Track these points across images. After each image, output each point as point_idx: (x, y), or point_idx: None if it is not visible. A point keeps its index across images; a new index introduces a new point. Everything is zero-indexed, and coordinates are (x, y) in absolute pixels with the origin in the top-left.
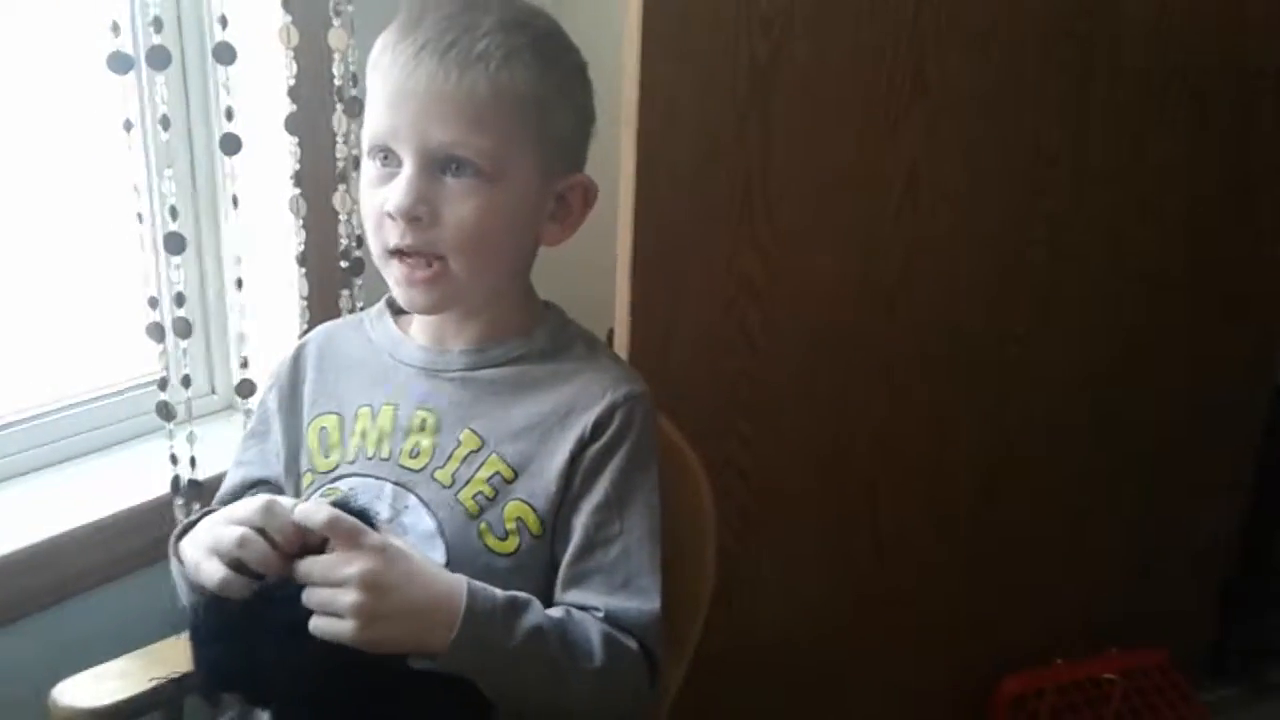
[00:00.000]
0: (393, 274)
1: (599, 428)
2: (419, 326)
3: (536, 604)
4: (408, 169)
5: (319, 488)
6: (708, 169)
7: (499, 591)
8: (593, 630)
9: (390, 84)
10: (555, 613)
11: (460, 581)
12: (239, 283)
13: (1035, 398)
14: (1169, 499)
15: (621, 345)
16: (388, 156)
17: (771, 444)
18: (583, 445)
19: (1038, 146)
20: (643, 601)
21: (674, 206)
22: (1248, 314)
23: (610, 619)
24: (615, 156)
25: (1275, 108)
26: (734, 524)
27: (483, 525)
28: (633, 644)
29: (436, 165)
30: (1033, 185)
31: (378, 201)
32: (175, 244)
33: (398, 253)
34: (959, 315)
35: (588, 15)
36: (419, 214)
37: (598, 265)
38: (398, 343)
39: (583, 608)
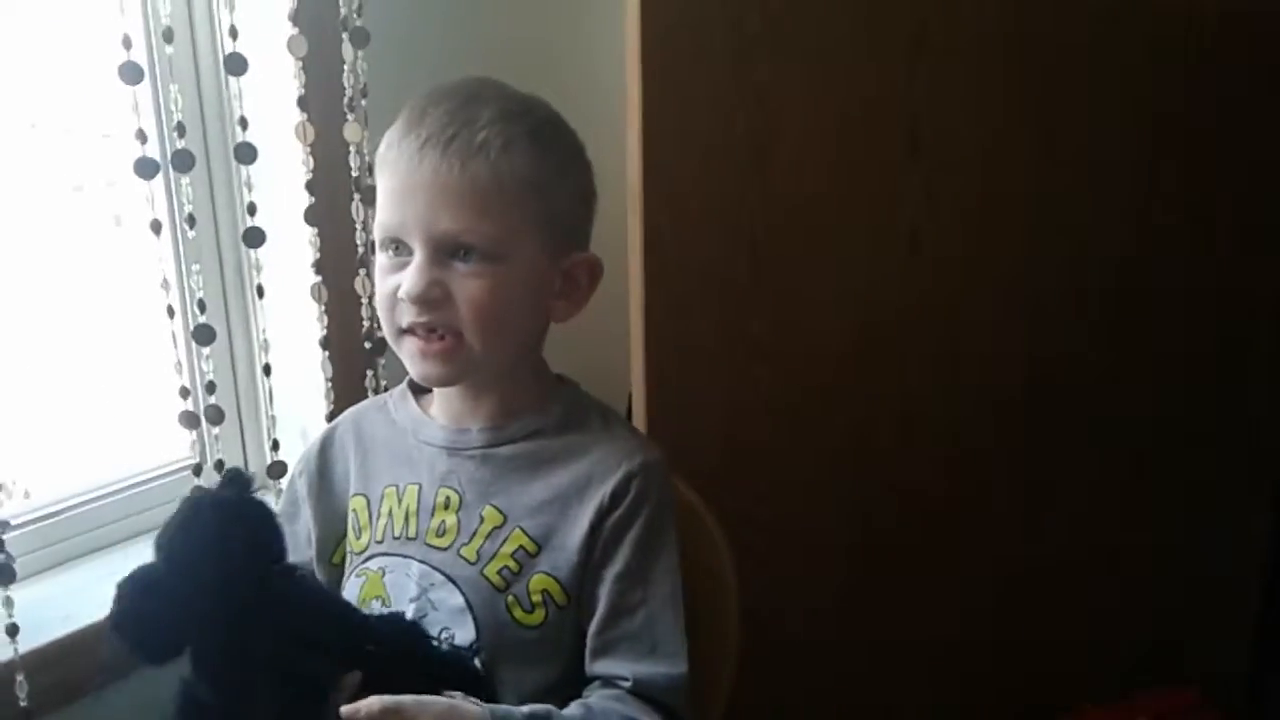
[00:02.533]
0: (407, 350)
1: (616, 497)
2: (438, 407)
3: (556, 713)
4: (418, 257)
5: (354, 568)
6: (712, 239)
7: (518, 710)
8: (615, 718)
9: (397, 178)
10: (573, 711)
11: (484, 711)
12: (267, 369)
13: (1058, 441)
14: (1205, 529)
15: (639, 411)
16: (399, 247)
17: (791, 502)
18: (601, 515)
19: (1043, 195)
20: (670, 666)
21: (683, 276)
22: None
23: (638, 686)
24: (623, 231)
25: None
26: (755, 583)
27: (510, 599)
28: (658, 716)
29: (445, 251)
30: (1040, 234)
31: (390, 287)
32: (205, 335)
33: (411, 330)
34: (971, 362)
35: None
36: (432, 296)
37: (612, 334)
38: (420, 423)
39: (611, 677)
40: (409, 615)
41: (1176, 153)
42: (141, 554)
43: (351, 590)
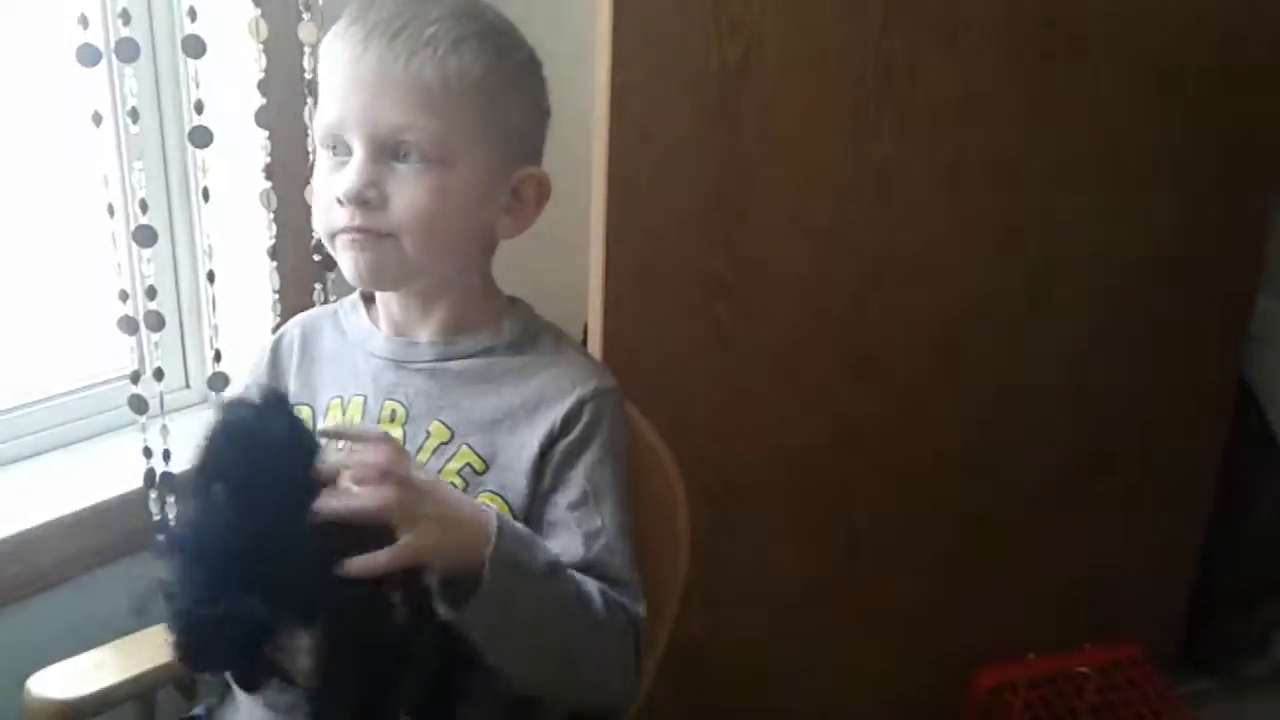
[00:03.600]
0: (342, 253)
1: (568, 422)
2: (386, 318)
3: (563, 567)
4: (357, 155)
5: None
6: (679, 170)
7: (540, 548)
8: (592, 585)
9: (339, 71)
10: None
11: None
12: (211, 276)
13: (1011, 392)
14: (1141, 493)
15: (595, 342)
16: (338, 146)
17: (745, 440)
18: (552, 439)
19: (1017, 141)
20: (629, 599)
21: (645, 206)
22: (1219, 305)
23: (608, 599)
24: (586, 157)
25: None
26: (707, 519)
27: None
28: (625, 611)
29: (387, 151)
30: (1010, 180)
31: (327, 188)
32: (146, 237)
33: (345, 231)
34: (933, 311)
35: (555, 18)
36: (368, 197)
37: (571, 263)
38: (368, 334)
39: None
40: None
41: (1149, 106)
42: (78, 461)
43: None
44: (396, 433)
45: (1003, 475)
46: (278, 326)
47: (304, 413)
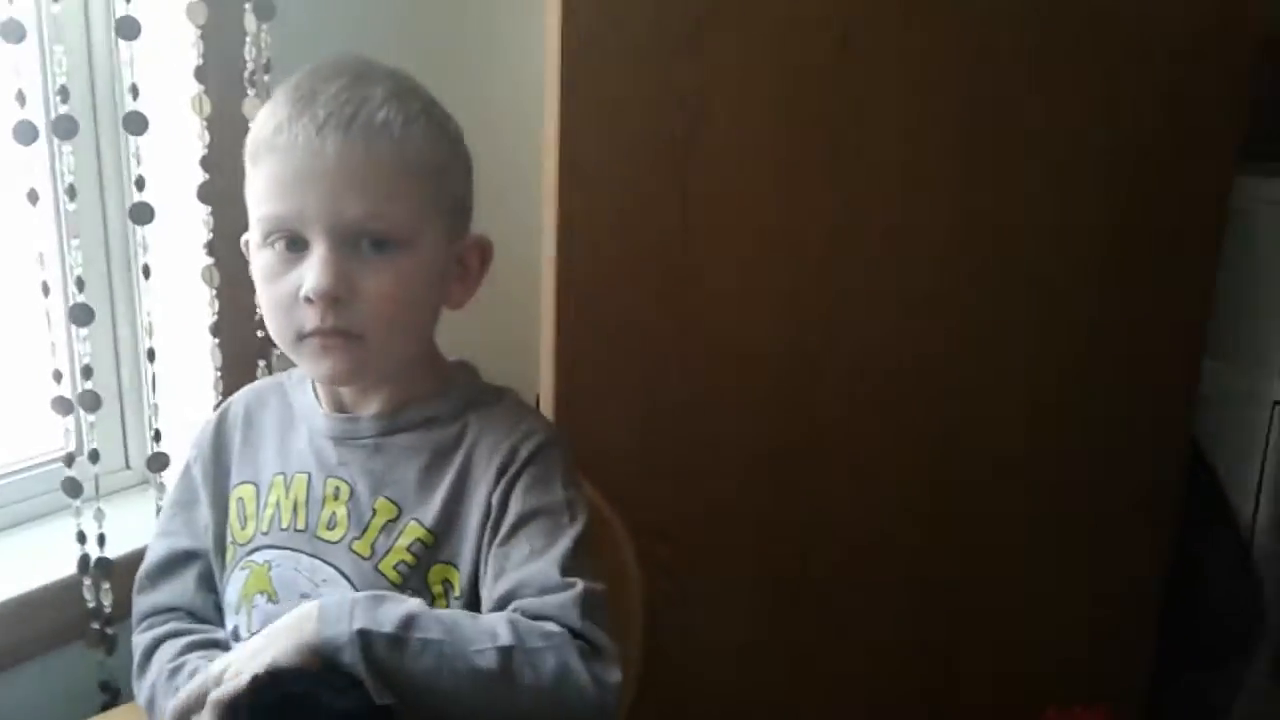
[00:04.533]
0: (306, 353)
1: (505, 468)
2: (327, 395)
3: (428, 613)
4: (321, 249)
5: (239, 561)
6: (629, 239)
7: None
8: (494, 618)
9: (291, 164)
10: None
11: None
12: (151, 354)
13: (971, 453)
14: (1101, 554)
15: (547, 410)
16: (292, 241)
17: (701, 507)
18: (491, 493)
19: (965, 208)
20: (560, 588)
21: (596, 275)
22: (1168, 368)
23: (526, 613)
24: (538, 227)
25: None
26: (664, 586)
27: (408, 593)
28: (549, 626)
29: (348, 242)
30: (960, 246)
31: (285, 288)
32: (82, 315)
33: (317, 334)
34: (886, 373)
35: (507, 92)
36: (340, 293)
37: (523, 332)
38: (313, 410)
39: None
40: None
41: (1093, 170)
42: (9, 547)
43: (235, 585)
44: (341, 511)
45: (960, 538)
46: (219, 404)
47: (247, 491)
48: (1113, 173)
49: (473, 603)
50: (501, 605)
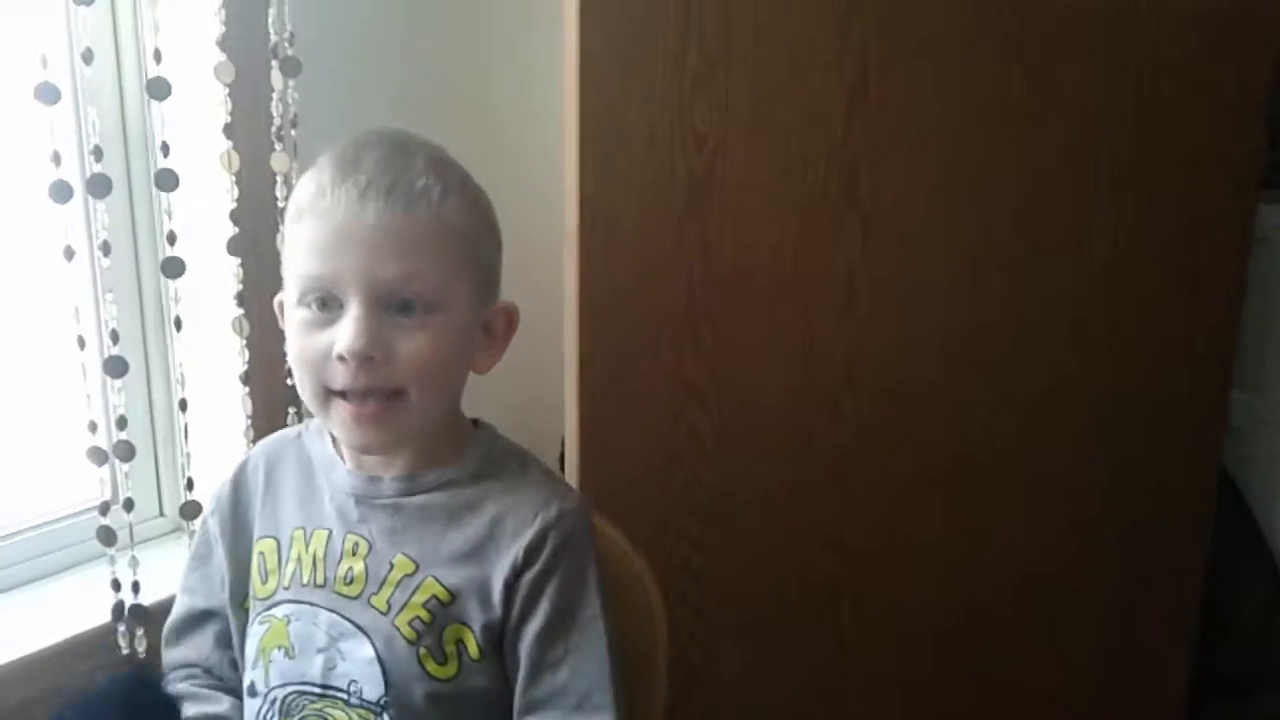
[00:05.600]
0: (337, 415)
1: (532, 552)
2: (350, 452)
3: None
4: (355, 310)
5: (258, 615)
6: (649, 280)
7: None
8: None
9: (331, 226)
10: None
11: None
12: (183, 404)
13: (997, 490)
14: (1132, 586)
15: (571, 453)
16: (327, 302)
17: (726, 546)
18: (517, 571)
19: (983, 244)
20: (598, 716)
21: (617, 317)
22: (1196, 399)
23: None
24: (559, 274)
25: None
26: (692, 627)
27: (422, 651)
28: None
29: (383, 304)
30: (979, 282)
31: (320, 345)
32: (117, 367)
33: (342, 393)
34: (909, 410)
35: (527, 134)
36: (374, 354)
37: (546, 378)
38: (332, 465)
39: None
40: (317, 666)
41: (1113, 203)
42: (45, 596)
43: (253, 639)
44: (359, 566)
45: (989, 572)
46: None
47: (268, 545)
48: (1132, 205)
49: (486, 668)
50: (537, 706)
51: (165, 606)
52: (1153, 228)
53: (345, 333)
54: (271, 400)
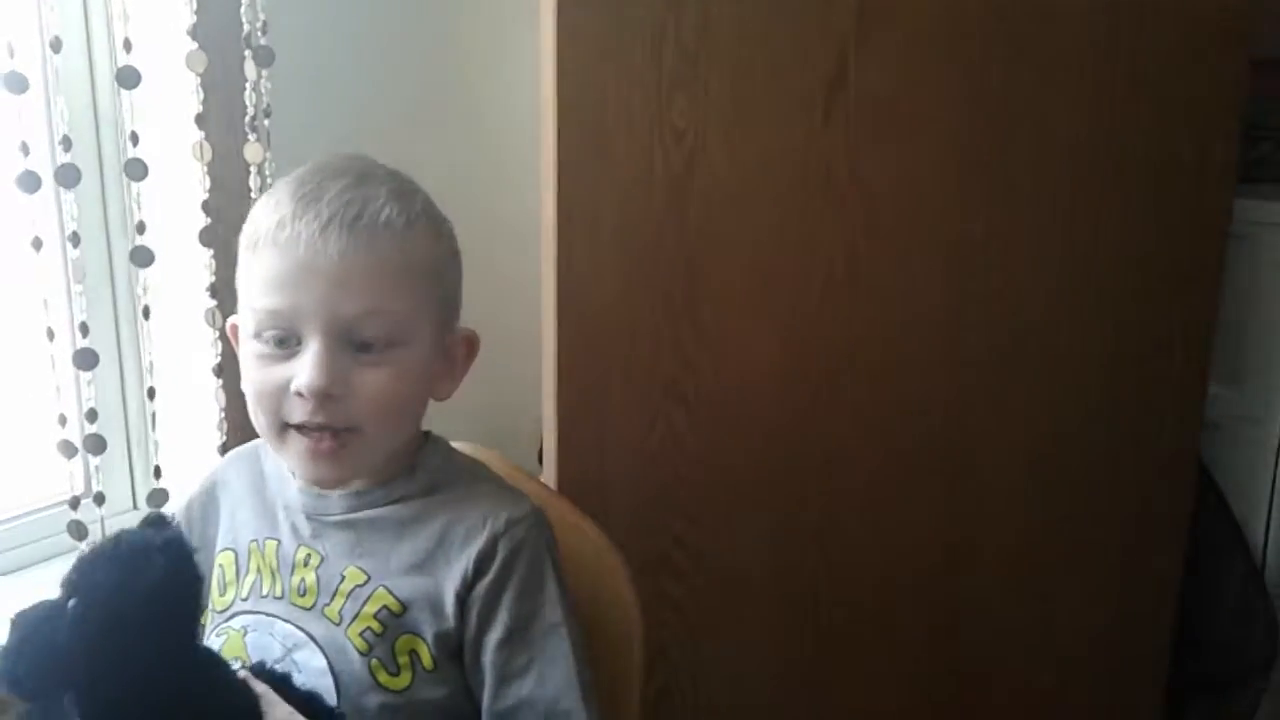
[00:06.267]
0: (293, 447)
1: (483, 561)
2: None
3: None
4: (315, 346)
5: (215, 627)
6: (628, 276)
7: None
8: None
9: (291, 260)
10: None
11: None
12: (151, 392)
13: (981, 483)
14: (1111, 583)
15: (550, 450)
16: (285, 338)
17: (707, 542)
18: (468, 582)
19: (963, 236)
20: (563, 717)
21: (596, 314)
22: (1174, 394)
23: None
24: (537, 268)
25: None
26: (673, 624)
27: (374, 662)
28: None
29: (343, 339)
30: (960, 275)
31: (274, 378)
32: (87, 360)
33: (299, 426)
34: (890, 403)
35: (504, 127)
36: (335, 392)
37: (524, 373)
38: (284, 481)
39: None
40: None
41: (1092, 196)
42: (17, 590)
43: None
44: (310, 577)
45: (975, 569)
46: (225, 446)
47: (227, 558)
48: (1110, 198)
49: (440, 679)
50: (505, 717)
51: None
52: (1133, 222)
53: (305, 370)
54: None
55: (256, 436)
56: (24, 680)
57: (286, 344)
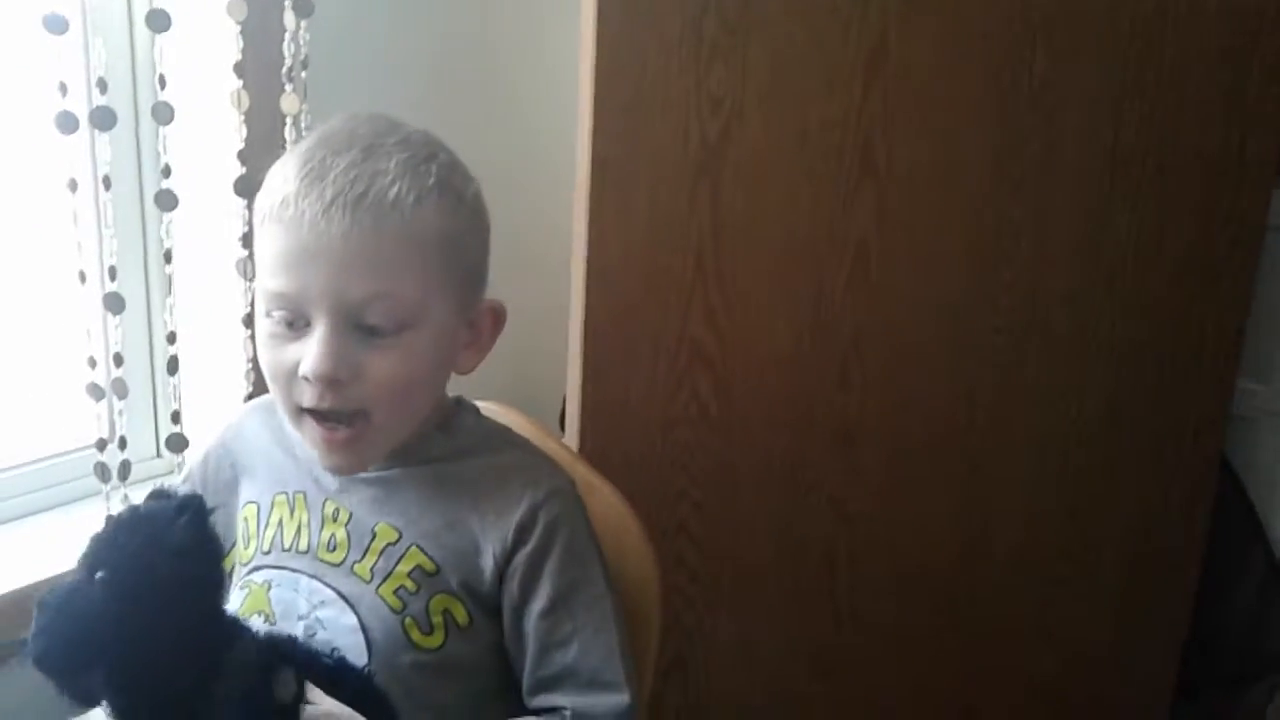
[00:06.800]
0: (308, 433)
1: (523, 531)
2: None
3: None
4: (322, 329)
5: (239, 580)
6: (659, 242)
7: None
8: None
9: (295, 241)
10: None
11: None
12: (171, 337)
13: (1000, 467)
14: (1128, 573)
15: (573, 412)
16: (294, 320)
17: (725, 511)
18: (509, 552)
19: (997, 219)
20: (612, 694)
21: (625, 278)
22: (1201, 387)
23: (578, 716)
24: (567, 232)
25: (1233, 186)
26: (688, 591)
27: (407, 620)
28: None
29: (352, 322)
30: (992, 257)
31: (285, 360)
32: (115, 304)
33: (313, 412)
34: (916, 385)
35: (541, 92)
36: (340, 377)
37: (551, 335)
38: None
39: (551, 708)
40: (298, 633)
41: (1128, 186)
42: (42, 531)
43: (233, 604)
44: (340, 533)
45: (989, 554)
46: (250, 396)
47: (250, 510)
48: (1146, 189)
49: (474, 637)
50: (547, 685)
51: None
52: (1168, 215)
53: (311, 355)
54: None
55: None
56: (56, 658)
57: (295, 325)
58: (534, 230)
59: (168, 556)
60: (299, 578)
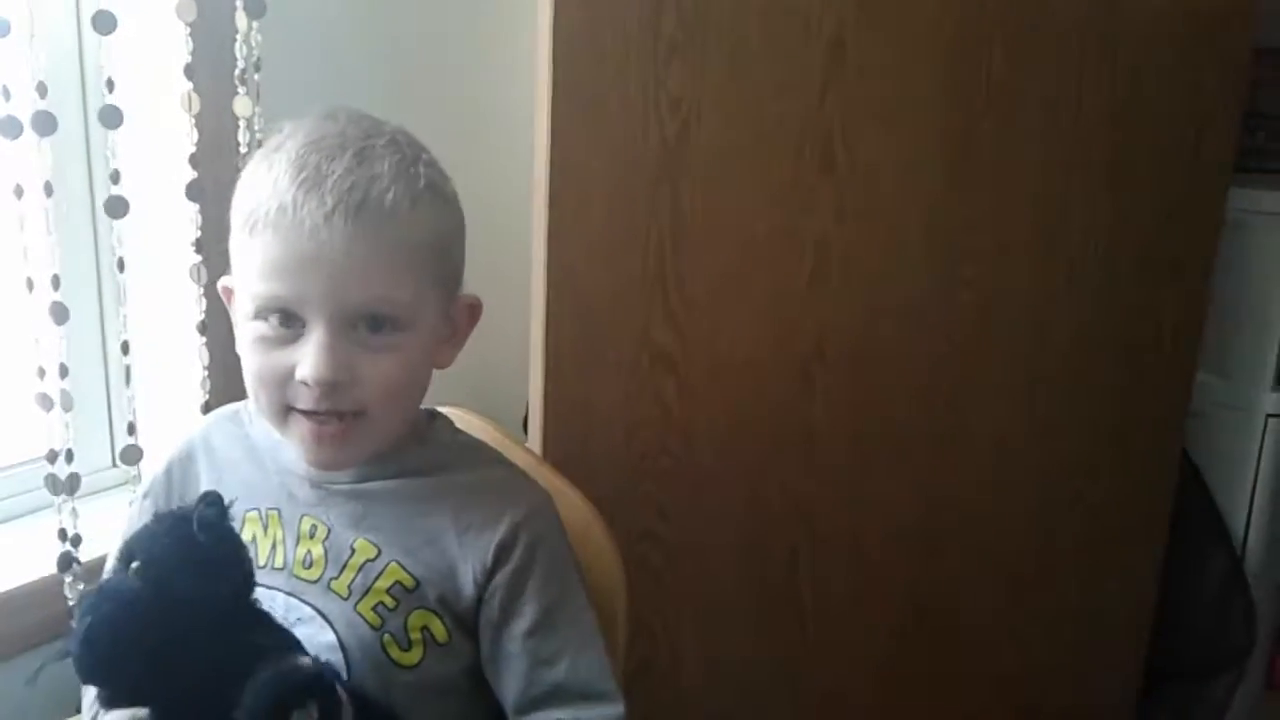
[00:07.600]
0: (296, 430)
1: (504, 550)
2: None
3: None
4: (320, 334)
5: None
6: (619, 243)
7: None
8: None
9: (296, 247)
10: None
11: None
12: (125, 347)
13: (962, 465)
14: (1089, 571)
15: (535, 417)
16: (288, 321)
17: (690, 513)
18: (489, 571)
19: (956, 216)
20: (605, 705)
21: (585, 280)
22: (1161, 382)
23: None
24: (527, 236)
25: (1190, 182)
26: (653, 594)
27: (386, 637)
28: None
29: (348, 325)
30: (952, 255)
31: (277, 364)
32: (60, 313)
33: (308, 413)
34: (876, 382)
35: (499, 94)
36: (340, 379)
37: (512, 336)
38: (278, 447)
39: None
40: None
41: (1086, 183)
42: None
43: None
44: (318, 549)
45: (950, 554)
46: (208, 405)
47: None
48: (1106, 183)
49: (453, 653)
50: (540, 702)
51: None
52: (1127, 211)
53: (310, 360)
54: (229, 351)
55: (241, 396)
56: (103, 644)
57: (290, 325)
58: (492, 232)
59: (198, 533)
60: (275, 594)
